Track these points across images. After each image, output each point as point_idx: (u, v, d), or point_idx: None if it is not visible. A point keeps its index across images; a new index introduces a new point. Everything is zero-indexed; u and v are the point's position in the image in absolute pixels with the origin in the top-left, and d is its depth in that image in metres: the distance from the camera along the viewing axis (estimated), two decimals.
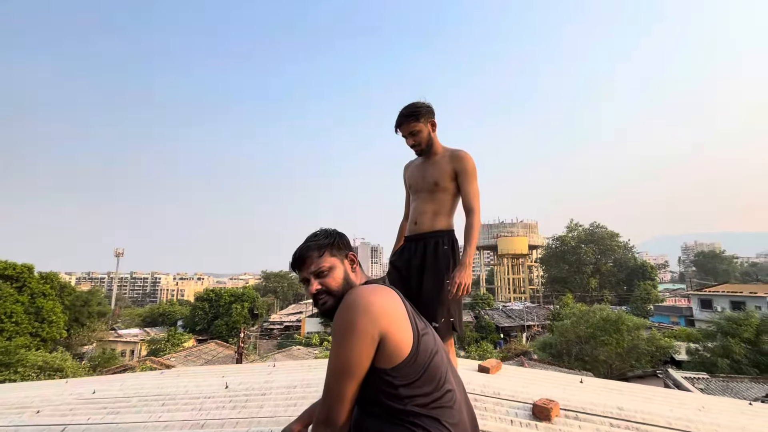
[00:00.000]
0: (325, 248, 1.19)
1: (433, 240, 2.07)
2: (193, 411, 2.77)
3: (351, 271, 1.22)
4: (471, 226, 1.98)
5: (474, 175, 2.06)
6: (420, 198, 2.14)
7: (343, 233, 1.27)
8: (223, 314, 37.46)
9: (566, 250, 49.34)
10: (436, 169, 2.11)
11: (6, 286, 23.48)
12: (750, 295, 28.79)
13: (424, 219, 2.11)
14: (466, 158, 2.07)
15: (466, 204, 2.05)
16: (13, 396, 4.06)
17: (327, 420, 1.04)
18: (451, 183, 2.07)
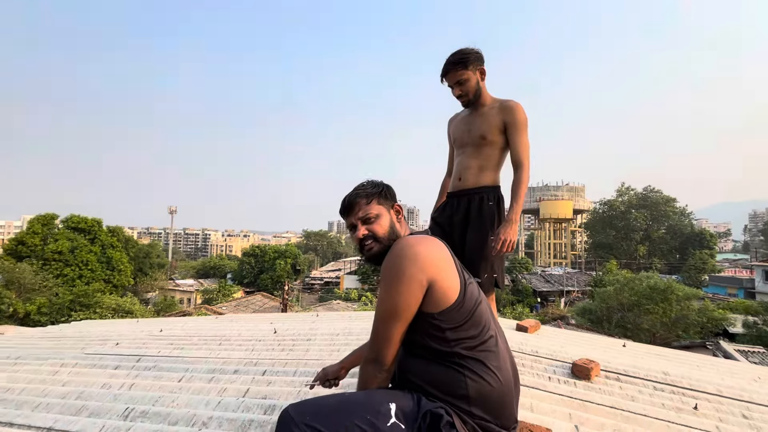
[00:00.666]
0: (372, 196, 1.22)
1: (477, 196, 2.00)
2: (247, 351, 3.04)
3: (396, 221, 1.24)
4: (519, 182, 1.90)
5: (524, 128, 1.94)
6: (465, 152, 2.06)
7: (390, 185, 1.28)
8: (267, 269, 39.92)
9: (614, 216, 46.67)
10: (483, 121, 1.99)
11: (81, 237, 26.27)
12: None
13: (468, 175, 2.03)
14: (517, 109, 1.94)
15: (514, 158, 1.95)
16: (97, 330, 4.66)
17: (375, 359, 1.10)
18: (499, 136, 1.96)
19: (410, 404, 1.04)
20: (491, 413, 1.04)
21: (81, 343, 3.77)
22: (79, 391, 2.26)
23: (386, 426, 0.99)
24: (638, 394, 2.25)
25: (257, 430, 1.61)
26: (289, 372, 2.37)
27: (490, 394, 1.04)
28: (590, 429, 1.70)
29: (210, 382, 2.31)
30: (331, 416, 0.99)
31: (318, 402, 1.06)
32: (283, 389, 2.05)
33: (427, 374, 1.09)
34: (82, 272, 24.92)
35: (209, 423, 1.70)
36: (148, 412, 1.86)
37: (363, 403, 1.04)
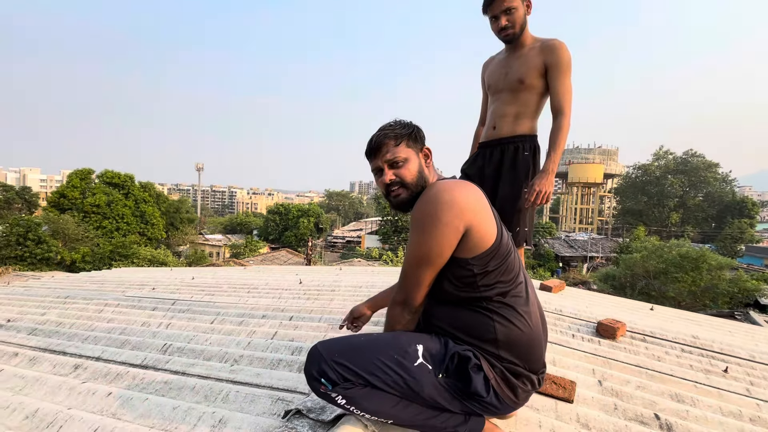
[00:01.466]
0: (402, 138, 1.12)
1: (512, 146, 1.86)
2: (274, 299, 3.16)
3: (425, 166, 1.16)
4: (559, 129, 1.74)
5: (568, 70, 1.75)
6: (500, 99, 1.90)
7: (420, 126, 1.18)
8: (291, 226, 41.01)
9: (648, 181, 44.43)
10: (522, 63, 1.81)
11: (115, 192, 27.51)
12: None
13: (503, 123, 1.88)
14: (561, 48, 1.75)
15: (555, 104, 1.77)
16: (135, 277, 4.96)
17: (404, 301, 1.09)
18: (539, 80, 1.79)
19: (437, 346, 1.04)
20: (520, 357, 1.03)
21: (121, 287, 4.03)
22: (122, 328, 2.43)
23: (413, 366, 0.99)
24: (665, 355, 2.22)
25: (285, 368, 1.69)
26: (315, 318, 2.46)
27: (519, 338, 1.02)
28: (614, 384, 1.69)
29: (240, 325, 2.42)
30: (359, 354, 0.99)
31: (346, 340, 1.06)
32: (309, 333, 2.13)
33: (454, 319, 1.07)
34: (119, 225, 26.35)
35: (240, 360, 1.80)
36: (184, 348, 1.98)
37: (391, 342, 1.04)
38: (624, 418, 1.43)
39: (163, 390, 1.52)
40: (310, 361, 1.01)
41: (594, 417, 1.37)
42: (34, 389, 1.54)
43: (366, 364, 0.98)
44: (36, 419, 1.27)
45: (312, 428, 1.11)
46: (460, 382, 1.00)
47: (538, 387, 1.09)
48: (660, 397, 1.63)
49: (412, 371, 0.98)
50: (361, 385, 0.97)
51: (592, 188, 60.23)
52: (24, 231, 18.75)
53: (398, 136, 1.12)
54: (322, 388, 0.98)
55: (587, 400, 1.50)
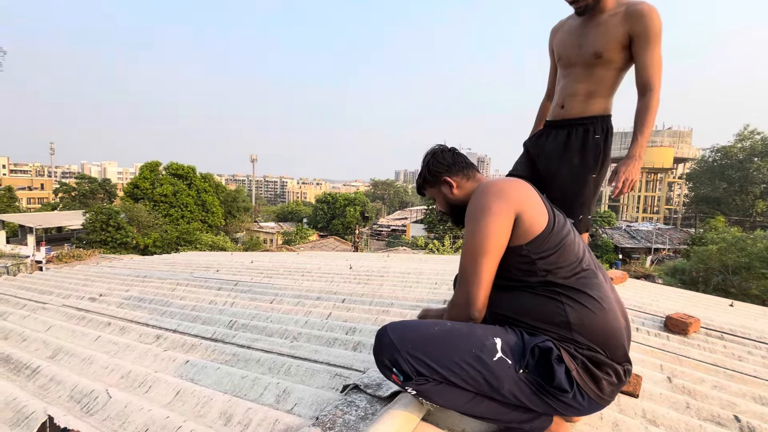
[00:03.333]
0: (421, 187, 1.31)
1: (582, 127, 1.67)
2: (326, 282, 3.29)
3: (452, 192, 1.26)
4: (647, 108, 1.51)
5: (658, 40, 1.50)
6: (572, 74, 1.68)
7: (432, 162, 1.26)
8: (338, 215, 42.16)
9: (728, 165, 39.68)
10: (600, 33, 1.58)
11: (180, 182, 29.89)
12: None
13: (574, 102, 1.67)
14: (651, 15, 1.49)
15: (642, 79, 1.53)
16: (201, 260, 5.39)
17: (466, 302, 1.03)
18: (620, 53, 1.56)
19: (515, 339, 0.99)
20: (598, 342, 0.97)
21: (189, 269, 4.41)
22: (193, 305, 2.67)
23: (492, 361, 0.94)
24: (748, 355, 2.01)
25: (341, 347, 1.76)
26: (366, 302, 2.53)
27: (593, 321, 0.97)
28: (685, 381, 1.57)
29: (297, 306, 2.56)
30: (435, 347, 0.95)
31: (419, 329, 1.00)
32: (361, 315, 2.20)
33: (519, 306, 1.04)
34: (183, 213, 28.68)
35: (299, 337, 1.91)
36: (248, 324, 2.14)
37: (467, 335, 0.98)
38: (698, 417, 1.33)
39: (232, 361, 1.66)
40: (382, 347, 0.98)
41: (662, 414, 1.29)
42: (126, 354, 1.75)
43: (442, 359, 0.94)
44: (130, 379, 1.45)
45: (370, 402, 1.16)
46: (541, 377, 0.95)
47: (624, 380, 1.01)
48: (741, 399, 1.49)
49: (491, 367, 0.94)
50: (436, 381, 0.94)
51: (659, 174, 55.11)
52: (106, 218, 21.07)
53: (419, 186, 1.33)
54: (394, 377, 0.97)
55: (654, 396, 1.41)
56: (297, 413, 1.21)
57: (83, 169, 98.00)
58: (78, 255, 6.67)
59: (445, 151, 1.28)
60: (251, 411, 1.18)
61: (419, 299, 2.49)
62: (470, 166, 1.27)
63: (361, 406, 1.14)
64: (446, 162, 1.25)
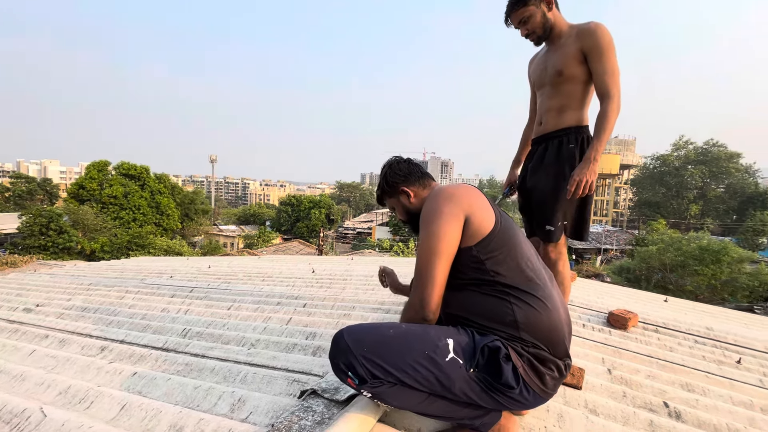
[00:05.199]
0: (381, 198, 1.38)
1: (556, 139, 1.79)
2: (288, 287, 3.24)
3: (410, 201, 1.32)
4: (603, 115, 1.63)
5: (609, 50, 1.64)
6: (544, 93, 1.85)
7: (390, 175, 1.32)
8: (303, 218, 41.45)
9: (666, 172, 43.32)
10: (559, 54, 1.74)
11: (132, 183, 28.15)
12: None
13: (548, 117, 1.82)
14: (597, 30, 1.64)
15: (599, 87, 1.66)
16: (153, 266, 5.11)
17: (420, 304, 1.06)
18: (578, 68, 1.70)
19: (466, 339, 1.02)
20: (542, 340, 1.02)
21: (140, 275, 4.17)
22: (143, 313, 2.53)
23: (445, 361, 0.96)
24: (677, 345, 2.21)
25: (300, 352, 1.75)
26: (327, 306, 2.52)
27: (539, 320, 1.02)
28: (623, 372, 1.70)
29: (255, 312, 2.50)
30: (390, 349, 0.96)
31: (374, 331, 1.01)
32: (322, 320, 2.18)
33: (471, 305, 1.08)
34: (135, 216, 27.02)
35: (257, 344, 1.86)
36: (203, 332, 2.06)
37: (421, 336, 1.00)
38: (633, 405, 1.45)
39: (184, 371, 1.59)
40: (337, 351, 0.99)
41: (602, 403, 1.39)
42: (66, 368, 1.63)
43: (397, 361, 0.95)
44: (69, 395, 1.36)
45: (327, 407, 1.16)
46: (490, 375, 0.98)
47: (565, 374, 1.07)
48: (670, 387, 1.64)
49: (443, 367, 0.96)
50: (390, 383, 0.96)
51: (607, 179, 59.01)
52: (46, 221, 19.39)
53: (378, 197, 1.39)
54: (350, 381, 0.98)
55: (596, 388, 1.52)
56: (252, 422, 1.19)
57: (19, 168, 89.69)
58: (12, 262, 6.11)
59: (401, 162, 1.34)
60: (203, 422, 1.14)
61: (381, 302, 2.52)
62: (426, 176, 1.33)
63: (318, 411, 1.14)
64: (402, 172, 1.32)
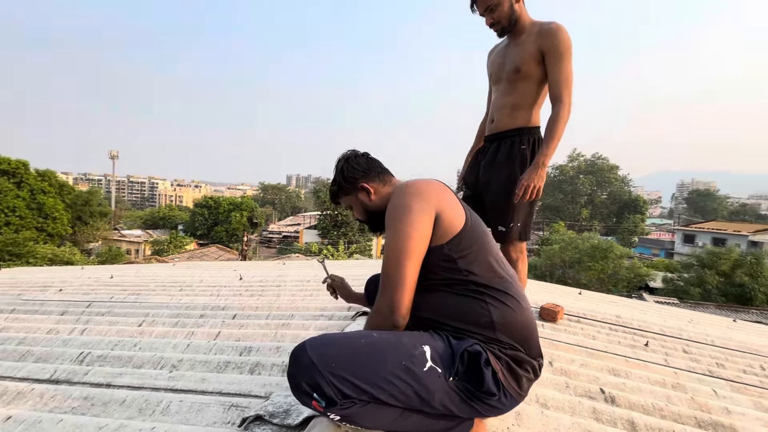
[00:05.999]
0: (335, 195, 1.28)
1: (509, 139, 1.78)
2: (212, 296, 2.89)
3: (369, 199, 1.23)
4: (554, 120, 1.64)
5: (566, 55, 1.65)
6: (499, 89, 1.82)
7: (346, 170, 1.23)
8: (222, 221, 38.50)
9: (564, 180, 49.43)
10: (519, 51, 1.73)
11: (4, 181, 23.43)
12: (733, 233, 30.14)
13: (501, 115, 1.80)
14: (557, 33, 1.65)
15: (552, 92, 1.68)
16: (34, 278, 4.22)
17: (390, 308, 0.97)
18: (536, 68, 1.71)
19: (442, 345, 0.94)
20: (518, 340, 0.98)
21: (16, 290, 3.40)
22: (21, 338, 2.03)
23: (423, 372, 0.88)
24: (597, 333, 2.42)
25: (235, 371, 1.52)
26: (262, 316, 2.28)
27: (515, 319, 0.98)
28: (562, 364, 1.79)
29: (175, 327, 2.16)
30: (362, 363, 0.86)
31: (341, 342, 0.89)
32: (257, 332, 1.95)
33: (442, 307, 1.01)
34: (9, 219, 22.54)
35: (180, 365, 1.58)
36: (107, 356, 1.70)
37: (395, 345, 0.90)
38: (575, 394, 1.51)
39: (82, 407, 1.27)
40: (299, 368, 0.84)
41: (551, 396, 1.43)
42: None
43: (370, 376, 0.84)
44: None
45: None
46: (471, 383, 0.91)
47: (539, 374, 1.05)
48: (601, 373, 1.76)
49: (421, 378, 0.87)
50: (363, 402, 0.84)
51: None
52: None
53: (333, 194, 1.28)
54: (315, 404, 0.84)
55: (543, 381, 1.56)
56: None
57: None
58: None
59: (359, 156, 1.24)
60: None
61: (322, 308, 2.35)
62: (385, 171, 1.24)
63: None
64: (361, 167, 1.21)
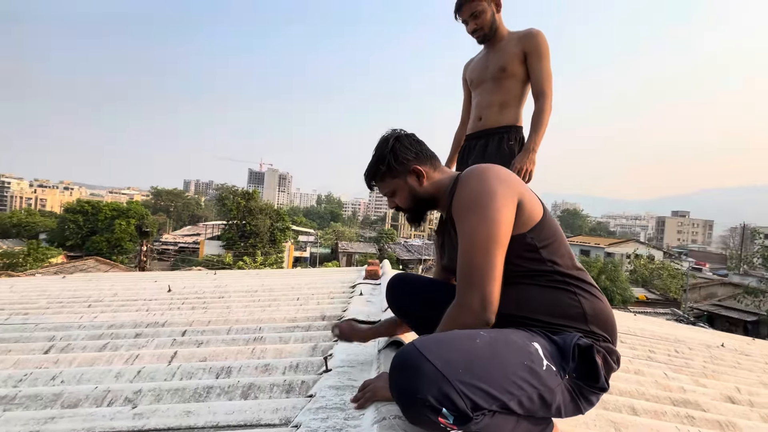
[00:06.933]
0: (376, 179, 1.14)
1: (497, 136, 1.86)
2: (140, 312, 2.38)
3: (419, 184, 1.12)
4: (541, 111, 1.79)
5: (546, 55, 1.81)
6: (484, 89, 1.90)
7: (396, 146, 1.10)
8: (103, 230, 32.77)
9: None
10: (502, 54, 1.84)
11: None
12: (594, 245, 36.82)
13: (489, 113, 1.88)
14: (538, 36, 1.81)
15: (536, 87, 1.82)
16: None
17: (481, 303, 0.87)
18: (519, 66, 1.83)
19: (545, 341, 0.86)
20: (608, 331, 0.93)
21: None
22: None
23: (543, 371, 0.80)
24: None
25: (223, 397, 1.22)
26: (221, 331, 1.93)
27: (603, 309, 0.94)
28: None
29: (104, 350, 1.69)
30: (489, 367, 0.75)
31: (457, 343, 0.78)
32: (227, 349, 1.63)
33: (528, 301, 0.93)
34: None
35: (140, 397, 1.22)
36: (16, 396, 1.24)
37: (508, 344, 0.81)
38: None
39: None
40: (421, 380, 0.70)
41: None
42: None
43: (501, 381, 0.74)
44: None
45: None
46: (585, 380, 0.85)
47: (619, 366, 1.00)
48: None
49: (544, 378, 0.79)
50: (491, 413, 0.73)
51: None
52: None
53: (377, 175, 1.12)
54: (442, 421, 0.69)
55: None
56: None
57: None
58: None
59: (410, 135, 1.13)
60: None
61: (291, 318, 2.09)
62: (435, 156, 1.15)
63: None
64: (414, 149, 1.10)
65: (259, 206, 30.98)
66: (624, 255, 34.22)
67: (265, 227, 29.95)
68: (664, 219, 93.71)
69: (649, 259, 29.87)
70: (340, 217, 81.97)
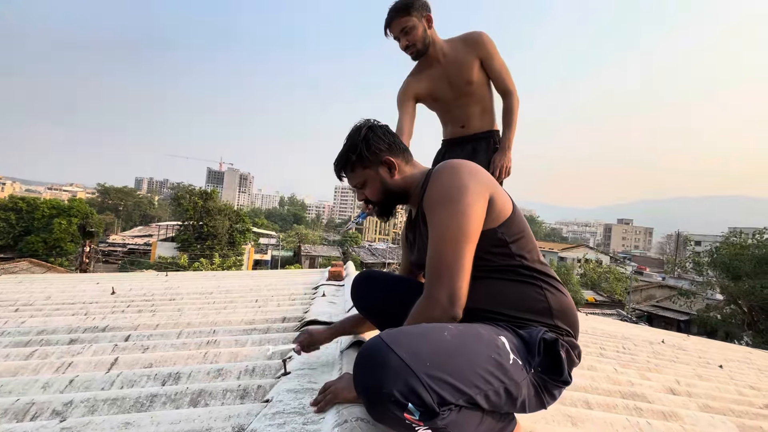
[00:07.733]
0: (346, 168, 1.09)
1: (484, 141, 1.94)
2: (78, 316, 2.17)
3: (390, 176, 1.09)
4: (510, 108, 1.87)
5: (497, 52, 1.86)
6: (461, 104, 1.93)
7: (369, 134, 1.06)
8: (39, 229, 29.97)
9: None
10: (459, 67, 1.85)
11: None
12: (549, 250, 38.99)
13: (473, 121, 1.94)
14: (485, 38, 1.84)
15: (500, 86, 1.88)
16: None
17: (449, 298, 0.86)
18: (480, 73, 1.87)
19: (511, 335, 0.86)
20: (570, 326, 0.95)
21: None
22: None
23: (509, 364, 0.79)
24: None
25: (169, 405, 1.12)
26: (170, 335, 1.79)
27: (567, 304, 0.95)
28: None
29: (31, 358, 1.52)
30: (457, 360, 0.73)
31: (424, 335, 0.75)
32: (175, 354, 1.51)
33: (495, 295, 0.93)
34: None
35: (71, 410, 1.09)
36: None
37: (477, 335, 0.80)
38: None
39: None
40: (387, 373, 0.67)
41: None
42: None
43: (469, 375, 0.72)
44: None
45: None
46: (549, 374, 0.84)
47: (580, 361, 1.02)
48: None
49: (510, 372, 0.78)
50: (458, 408, 0.71)
51: None
52: None
53: (347, 164, 1.07)
54: (407, 417, 0.66)
55: None
56: None
57: None
58: None
59: (383, 126, 1.10)
60: None
61: (249, 321, 1.99)
62: (407, 150, 1.13)
63: None
64: (387, 139, 1.07)
65: (217, 207, 29.72)
66: (575, 259, 36.35)
67: (223, 229, 28.76)
68: (611, 226, 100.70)
69: (597, 263, 31.90)
70: (303, 220, 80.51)
